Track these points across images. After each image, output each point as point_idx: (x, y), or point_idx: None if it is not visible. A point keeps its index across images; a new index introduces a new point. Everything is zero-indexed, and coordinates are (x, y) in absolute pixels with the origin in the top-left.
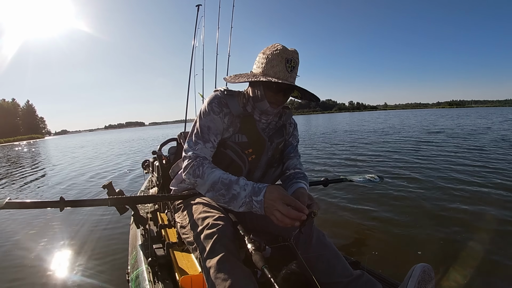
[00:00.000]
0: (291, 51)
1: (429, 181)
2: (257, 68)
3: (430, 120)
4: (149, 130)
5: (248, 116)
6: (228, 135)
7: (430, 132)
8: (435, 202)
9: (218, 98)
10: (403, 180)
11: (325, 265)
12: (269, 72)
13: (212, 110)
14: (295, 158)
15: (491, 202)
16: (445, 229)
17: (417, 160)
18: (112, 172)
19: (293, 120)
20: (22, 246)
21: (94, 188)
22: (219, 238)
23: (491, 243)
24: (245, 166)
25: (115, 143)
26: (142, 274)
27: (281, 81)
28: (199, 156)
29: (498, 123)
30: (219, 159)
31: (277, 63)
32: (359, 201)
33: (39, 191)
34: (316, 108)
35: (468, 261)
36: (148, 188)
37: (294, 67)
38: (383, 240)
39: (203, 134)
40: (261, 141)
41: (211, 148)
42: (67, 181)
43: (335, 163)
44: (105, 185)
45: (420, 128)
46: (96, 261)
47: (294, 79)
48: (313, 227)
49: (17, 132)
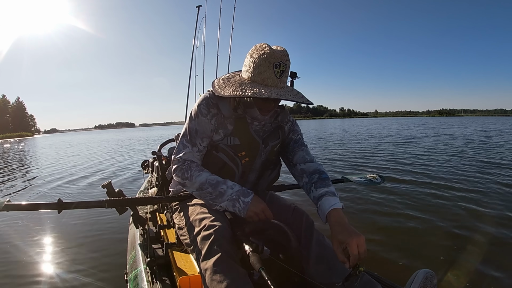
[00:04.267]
0: (279, 54)
1: (432, 184)
2: (245, 72)
3: (427, 127)
4: (153, 131)
5: (241, 118)
6: (220, 138)
7: (432, 137)
8: (437, 204)
9: (207, 99)
10: (405, 182)
11: (324, 266)
12: (256, 79)
13: (200, 112)
14: (300, 151)
15: (493, 207)
16: (446, 232)
17: (419, 162)
18: (104, 172)
19: (291, 118)
20: (19, 246)
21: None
22: (216, 240)
23: (493, 249)
24: (238, 169)
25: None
26: (141, 274)
27: (268, 93)
28: (186, 160)
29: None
30: (211, 162)
31: (265, 69)
32: (359, 202)
33: (36, 188)
34: (308, 114)
35: (470, 267)
36: (148, 188)
37: (284, 71)
38: (382, 243)
39: (191, 138)
40: (255, 144)
41: (197, 152)
42: (55, 181)
43: (335, 163)
44: (105, 185)
45: (421, 133)
46: (94, 261)
47: (285, 83)
48: (313, 228)
49: (6, 129)
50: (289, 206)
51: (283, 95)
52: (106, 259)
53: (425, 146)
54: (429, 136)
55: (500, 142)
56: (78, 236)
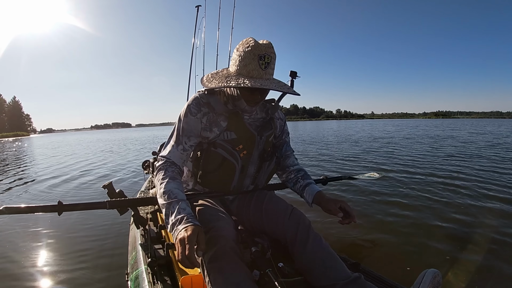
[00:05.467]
0: (264, 46)
1: (433, 182)
2: (232, 65)
3: (428, 129)
4: (148, 131)
5: (235, 113)
6: (215, 135)
7: (434, 137)
8: (439, 204)
9: (197, 99)
10: (405, 180)
11: (321, 268)
12: (242, 72)
13: (189, 111)
14: (292, 156)
15: (494, 211)
16: (448, 232)
17: (420, 163)
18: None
19: (281, 114)
20: (18, 246)
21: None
22: (220, 240)
23: (495, 248)
24: (238, 163)
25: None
26: (142, 274)
27: (252, 83)
28: (168, 160)
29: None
30: (211, 159)
31: (250, 61)
32: (360, 200)
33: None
34: (304, 115)
35: (473, 267)
36: (148, 188)
37: (269, 62)
38: (384, 241)
39: (178, 136)
40: (251, 136)
41: (181, 150)
42: (51, 179)
43: (335, 163)
44: (105, 185)
45: (421, 135)
46: (95, 261)
47: (271, 75)
48: (310, 229)
49: (2, 129)
50: (286, 208)
51: (267, 85)
52: (106, 259)
53: (426, 147)
54: (420, 137)
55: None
56: (78, 235)
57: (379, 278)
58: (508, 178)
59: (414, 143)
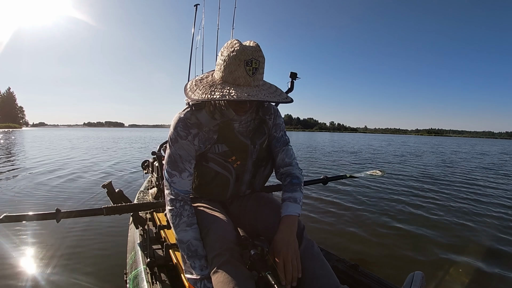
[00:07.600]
0: (250, 50)
1: (432, 184)
2: (217, 71)
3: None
4: (139, 132)
5: (224, 122)
6: (207, 148)
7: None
8: (438, 206)
9: (182, 120)
10: (406, 183)
11: (309, 276)
12: (228, 79)
13: (178, 136)
14: (281, 152)
15: (492, 216)
16: (444, 235)
17: (421, 165)
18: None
19: (273, 107)
20: (18, 246)
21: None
22: (220, 242)
23: (492, 250)
24: (232, 174)
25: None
26: (141, 274)
27: (238, 94)
28: (179, 194)
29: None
30: (203, 174)
31: (235, 67)
32: (360, 201)
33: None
34: (298, 126)
35: (466, 269)
36: (148, 188)
37: (257, 68)
38: (383, 243)
39: (177, 164)
40: (243, 146)
41: (188, 176)
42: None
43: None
44: (105, 184)
45: (418, 147)
46: (94, 261)
47: (260, 80)
48: (303, 234)
49: None
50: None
51: (255, 95)
52: (105, 259)
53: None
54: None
55: None
56: (77, 235)
57: (377, 280)
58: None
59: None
